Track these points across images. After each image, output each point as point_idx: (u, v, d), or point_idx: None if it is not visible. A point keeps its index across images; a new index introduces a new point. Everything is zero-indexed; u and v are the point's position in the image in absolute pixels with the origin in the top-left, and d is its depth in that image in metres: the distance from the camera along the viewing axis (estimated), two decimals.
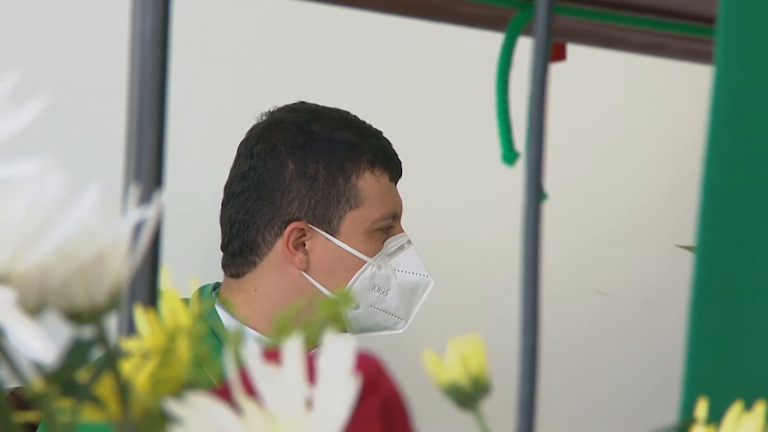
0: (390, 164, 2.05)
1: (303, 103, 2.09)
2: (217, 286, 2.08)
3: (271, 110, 2.07)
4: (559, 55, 1.29)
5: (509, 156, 1.07)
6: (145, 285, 0.80)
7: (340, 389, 0.58)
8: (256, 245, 2.03)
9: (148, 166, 0.83)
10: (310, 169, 2.00)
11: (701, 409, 0.72)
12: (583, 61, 1.41)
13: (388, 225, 2.04)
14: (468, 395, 0.70)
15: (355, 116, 2.06)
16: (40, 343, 0.52)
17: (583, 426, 2.75)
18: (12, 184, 0.53)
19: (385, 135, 2.07)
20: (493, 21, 1.23)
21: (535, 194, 0.77)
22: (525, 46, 0.90)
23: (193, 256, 2.33)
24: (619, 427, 2.71)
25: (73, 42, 2.28)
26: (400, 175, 2.07)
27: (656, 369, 2.62)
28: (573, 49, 1.31)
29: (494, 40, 1.19)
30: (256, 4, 1.58)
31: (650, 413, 2.55)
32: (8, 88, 0.54)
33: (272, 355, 0.60)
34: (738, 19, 0.77)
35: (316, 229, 2.00)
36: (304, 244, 2.00)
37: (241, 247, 2.04)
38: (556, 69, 1.26)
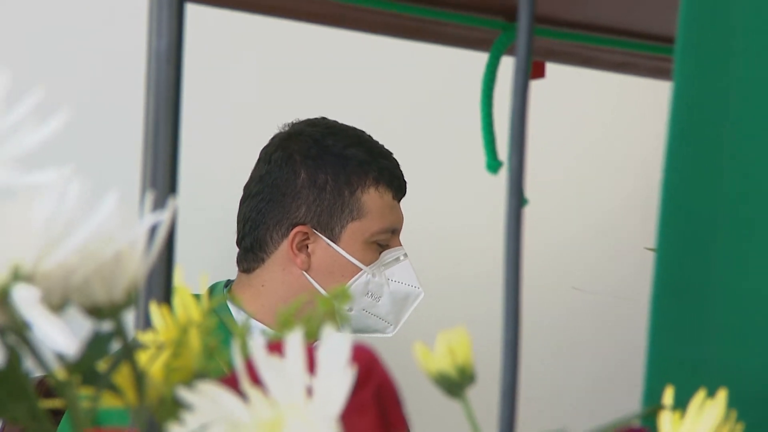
0: (394, 183, 2.05)
1: (324, 118, 2.09)
2: (228, 283, 2.09)
3: (293, 122, 2.07)
4: (539, 72, 1.29)
5: (493, 165, 1.07)
6: (160, 283, 0.79)
7: (337, 378, 0.57)
8: (264, 243, 2.03)
9: (162, 173, 0.83)
10: (319, 180, 2.01)
11: (668, 396, 0.71)
12: (560, 78, 1.41)
13: (387, 238, 2.04)
14: (455, 384, 0.70)
15: (369, 136, 2.06)
16: (62, 336, 0.51)
17: (560, 411, 2.75)
18: (36, 191, 0.53)
19: (394, 156, 2.08)
20: (478, 42, 1.23)
21: (517, 199, 0.77)
22: (508, 65, 0.90)
23: (206, 256, 2.33)
24: (593, 412, 2.71)
25: (94, 60, 2.28)
26: (404, 194, 2.07)
27: (627, 358, 2.62)
28: (551, 67, 1.31)
29: (480, 59, 1.19)
30: (266, 24, 1.59)
31: (622, 399, 2.55)
32: (33, 104, 0.53)
33: (276, 347, 0.59)
34: (694, 39, 0.77)
35: (319, 234, 2.01)
36: (307, 247, 2.01)
37: (252, 244, 2.04)
38: (535, 85, 1.26)
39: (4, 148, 0.53)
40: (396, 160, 2.07)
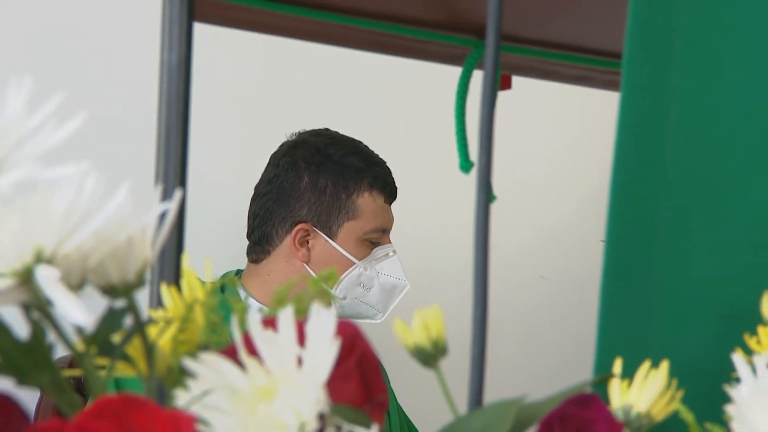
0: (386, 188, 2.06)
1: (327, 129, 2.10)
2: (238, 272, 2.10)
3: (300, 132, 2.09)
4: (506, 84, 1.29)
5: (465, 166, 1.08)
6: (171, 268, 0.79)
7: (324, 350, 0.57)
8: (270, 237, 2.04)
9: (173, 172, 0.83)
10: (320, 183, 2.02)
11: (617, 367, 0.71)
12: (525, 90, 1.41)
13: (378, 236, 2.05)
14: (429, 355, 0.70)
15: (365, 146, 2.08)
16: (79, 312, 0.51)
17: (531, 385, 2.76)
18: (56, 184, 0.53)
19: (387, 164, 2.09)
20: (454, 57, 1.23)
21: (485, 195, 0.76)
22: (479, 78, 0.90)
23: (212, 249, 2.33)
24: (559, 385, 2.71)
25: (114, 70, 2.28)
26: (394, 198, 2.09)
27: (589, 339, 2.62)
28: (517, 80, 1.31)
29: (457, 72, 1.19)
30: (268, 40, 1.59)
31: (585, 374, 2.55)
32: (53, 108, 0.53)
33: (270, 322, 0.59)
34: (638, 56, 0.77)
35: (318, 231, 2.02)
36: (308, 242, 2.02)
37: (260, 238, 2.05)
38: (503, 96, 1.26)
39: (28, 146, 0.53)
40: (388, 168, 2.08)
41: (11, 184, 0.53)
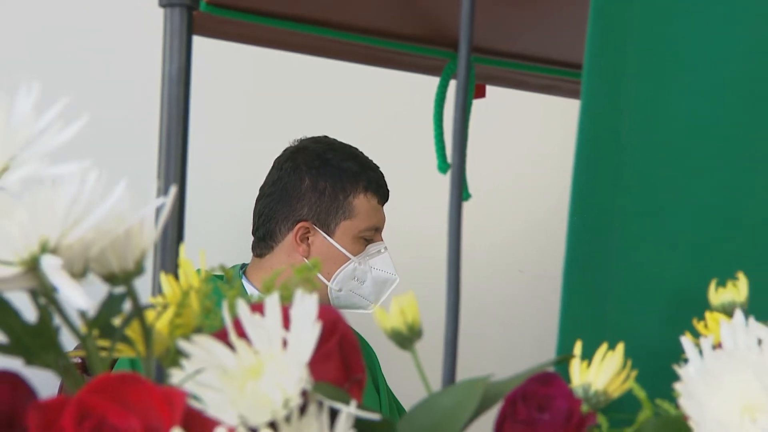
0: (379, 191, 2.07)
1: (325, 137, 2.12)
2: (244, 266, 2.11)
3: (301, 138, 2.10)
4: (481, 93, 1.29)
5: (443, 167, 1.08)
6: (169, 259, 0.79)
7: (307, 332, 0.57)
8: (274, 234, 2.05)
9: (173, 170, 0.83)
10: (320, 186, 2.03)
11: (577, 349, 0.72)
12: (498, 98, 1.41)
13: (371, 234, 2.06)
14: (405, 338, 0.70)
15: (361, 152, 2.10)
16: (80, 298, 0.51)
17: (508, 369, 2.76)
18: (61, 181, 0.53)
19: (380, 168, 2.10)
20: (433, 68, 1.23)
21: (458, 192, 0.76)
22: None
23: (213, 244, 2.33)
24: (530, 365, 2.71)
25: (120, 78, 2.29)
26: (387, 199, 2.10)
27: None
28: (491, 89, 1.31)
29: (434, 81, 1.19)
30: (264, 51, 1.58)
31: (552, 356, 2.55)
32: (58, 111, 0.53)
33: (258, 307, 0.59)
34: (597, 67, 0.77)
35: (318, 229, 2.03)
36: (308, 239, 2.04)
37: (264, 234, 2.06)
38: (478, 103, 1.26)
39: (35, 146, 0.53)
40: (381, 173, 2.09)
41: (19, 180, 0.53)
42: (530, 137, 2.79)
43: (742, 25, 0.79)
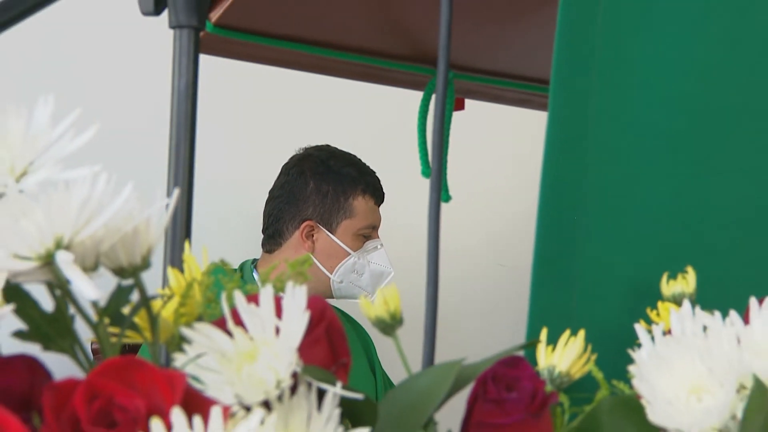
0: (376, 193, 2.09)
1: (327, 145, 2.13)
2: (254, 261, 2.12)
3: (305, 147, 2.12)
4: (460, 106, 1.29)
5: (426, 171, 1.07)
6: (177, 254, 0.79)
7: (297, 320, 0.57)
8: (282, 232, 2.07)
9: (182, 175, 0.82)
10: (323, 189, 2.05)
11: (543, 335, 0.71)
12: (477, 110, 1.40)
13: (369, 232, 2.07)
14: (388, 325, 0.69)
15: (359, 159, 2.14)
16: (91, 289, 0.50)
17: (484, 350, 2.75)
18: (74, 183, 0.52)
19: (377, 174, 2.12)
20: (419, 84, 1.23)
21: (437, 194, 0.76)
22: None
23: (220, 242, 2.33)
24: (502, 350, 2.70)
25: (135, 92, 2.29)
26: (382, 200, 2.12)
27: None
28: (469, 102, 1.31)
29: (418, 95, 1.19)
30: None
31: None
32: (71, 121, 0.52)
33: (253, 298, 0.59)
34: (563, 82, 0.77)
35: (321, 227, 2.04)
36: (313, 236, 2.05)
37: (273, 233, 2.07)
38: (458, 115, 1.26)
39: (51, 152, 0.53)
40: (378, 177, 2.11)
41: (37, 183, 0.52)
42: (508, 145, 2.78)
43: (696, 44, 0.79)
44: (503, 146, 2.78)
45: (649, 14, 0.78)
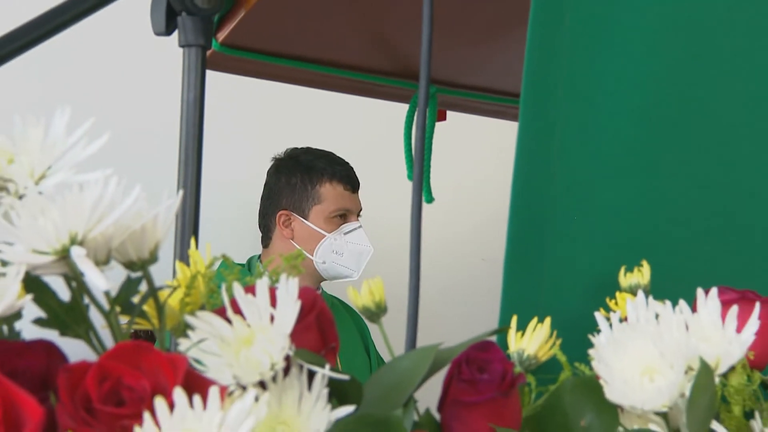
0: (344, 180, 2.08)
1: (309, 147, 2.13)
2: (259, 256, 2.12)
3: (285, 150, 2.12)
4: (442, 117, 1.28)
5: (411, 175, 1.07)
6: (184, 249, 0.78)
7: (290, 309, 0.56)
8: (269, 227, 2.09)
9: (190, 178, 0.81)
10: (293, 181, 2.06)
11: (513, 322, 0.71)
12: (457, 120, 1.40)
13: (342, 214, 2.06)
14: (373, 313, 0.69)
15: (334, 154, 2.10)
16: (101, 281, 0.50)
17: (458, 335, 2.74)
18: (87, 186, 0.52)
19: (350, 165, 2.10)
20: (402, 97, 1.23)
21: (418, 195, 0.75)
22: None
23: (226, 239, 2.33)
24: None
25: (149, 104, 2.29)
26: (354, 187, 2.10)
27: None
28: (451, 114, 1.30)
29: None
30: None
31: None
32: (84, 131, 0.52)
33: (251, 289, 0.58)
34: (531, 95, 0.77)
35: (295, 215, 2.06)
36: (291, 224, 2.06)
37: (263, 229, 2.11)
38: (441, 125, 1.26)
39: (67, 157, 0.52)
40: (350, 166, 2.09)
41: (54, 186, 0.52)
42: (488, 151, 2.78)
43: (651, 61, 0.79)
44: (484, 151, 2.78)
45: (611, 34, 0.78)
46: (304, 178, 2.05)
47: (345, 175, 2.07)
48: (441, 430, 0.61)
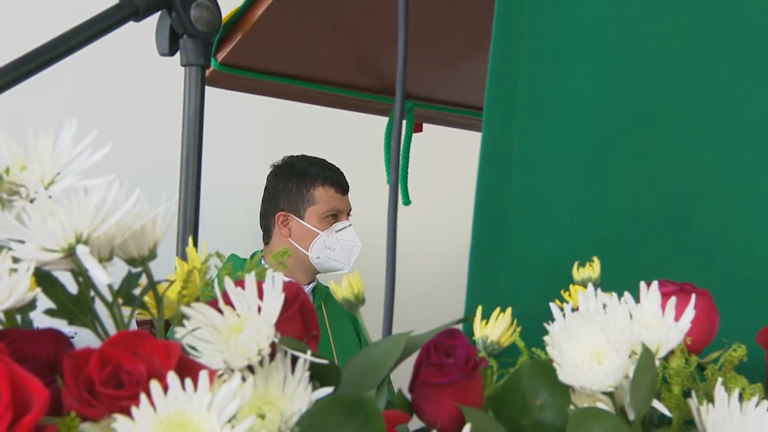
0: (335, 183, 2.08)
1: (303, 155, 2.13)
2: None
3: (283, 157, 2.12)
4: (419, 128, 1.28)
5: (389, 180, 1.07)
6: (182, 247, 0.78)
7: (275, 300, 0.56)
8: (269, 226, 2.09)
9: (190, 183, 0.81)
10: (289, 185, 2.06)
11: (478, 312, 0.71)
12: (434, 132, 1.40)
13: (333, 214, 2.06)
14: (353, 304, 0.69)
15: (326, 161, 2.11)
16: (103, 276, 0.50)
17: (433, 323, 2.73)
18: (91, 190, 0.51)
19: (341, 171, 2.10)
20: (384, 111, 1.22)
21: (395, 198, 0.75)
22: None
23: (228, 237, 2.32)
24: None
25: (153, 117, 2.28)
26: (344, 190, 2.10)
27: None
28: (427, 126, 1.30)
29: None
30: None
31: None
32: (89, 141, 0.51)
33: (240, 283, 0.58)
34: (493, 108, 0.76)
35: (292, 216, 2.06)
36: (288, 224, 2.06)
37: (264, 228, 2.10)
38: (417, 137, 1.25)
39: (72, 165, 0.52)
40: (340, 171, 2.09)
41: (61, 190, 0.51)
42: (466, 159, 2.77)
43: (602, 76, 0.79)
44: (458, 158, 2.77)
45: (563, 56, 0.78)
46: (299, 183, 2.06)
47: (336, 180, 2.09)
48: (412, 409, 0.61)
